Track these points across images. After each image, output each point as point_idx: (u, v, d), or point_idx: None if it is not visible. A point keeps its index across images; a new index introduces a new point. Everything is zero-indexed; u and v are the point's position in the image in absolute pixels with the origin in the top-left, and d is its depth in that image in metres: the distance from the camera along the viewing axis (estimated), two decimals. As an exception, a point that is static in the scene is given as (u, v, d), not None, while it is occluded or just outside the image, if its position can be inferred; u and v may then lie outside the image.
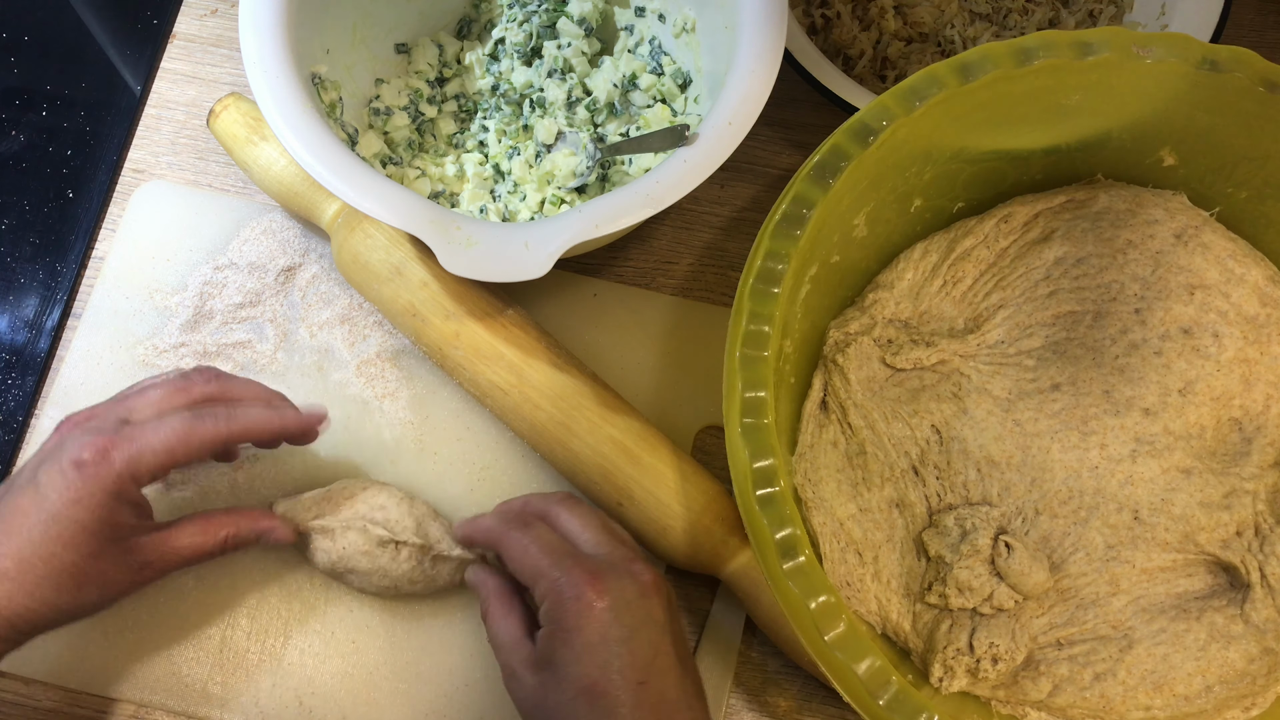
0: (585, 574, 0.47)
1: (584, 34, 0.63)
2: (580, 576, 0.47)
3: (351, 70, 0.60)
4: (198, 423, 0.48)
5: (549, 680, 0.46)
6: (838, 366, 0.55)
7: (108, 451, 0.47)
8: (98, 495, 0.46)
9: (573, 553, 0.48)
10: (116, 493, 0.47)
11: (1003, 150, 0.55)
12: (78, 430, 0.48)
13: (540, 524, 0.50)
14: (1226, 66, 0.50)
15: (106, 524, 0.47)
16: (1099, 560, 0.51)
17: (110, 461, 0.46)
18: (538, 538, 0.49)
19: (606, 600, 0.46)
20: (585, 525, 0.50)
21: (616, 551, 0.49)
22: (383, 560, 0.52)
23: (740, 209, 0.66)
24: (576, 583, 0.46)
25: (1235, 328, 0.53)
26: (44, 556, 0.46)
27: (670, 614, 0.48)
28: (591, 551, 0.49)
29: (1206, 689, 0.49)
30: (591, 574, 0.47)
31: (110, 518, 0.47)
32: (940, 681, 0.49)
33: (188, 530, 0.50)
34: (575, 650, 0.45)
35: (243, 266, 0.63)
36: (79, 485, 0.46)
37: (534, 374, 0.56)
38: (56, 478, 0.46)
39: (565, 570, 0.47)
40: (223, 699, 0.55)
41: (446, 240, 0.49)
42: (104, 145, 0.67)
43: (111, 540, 0.47)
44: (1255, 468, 0.52)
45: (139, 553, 0.49)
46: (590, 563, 0.48)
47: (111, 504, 0.47)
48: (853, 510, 0.52)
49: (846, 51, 0.65)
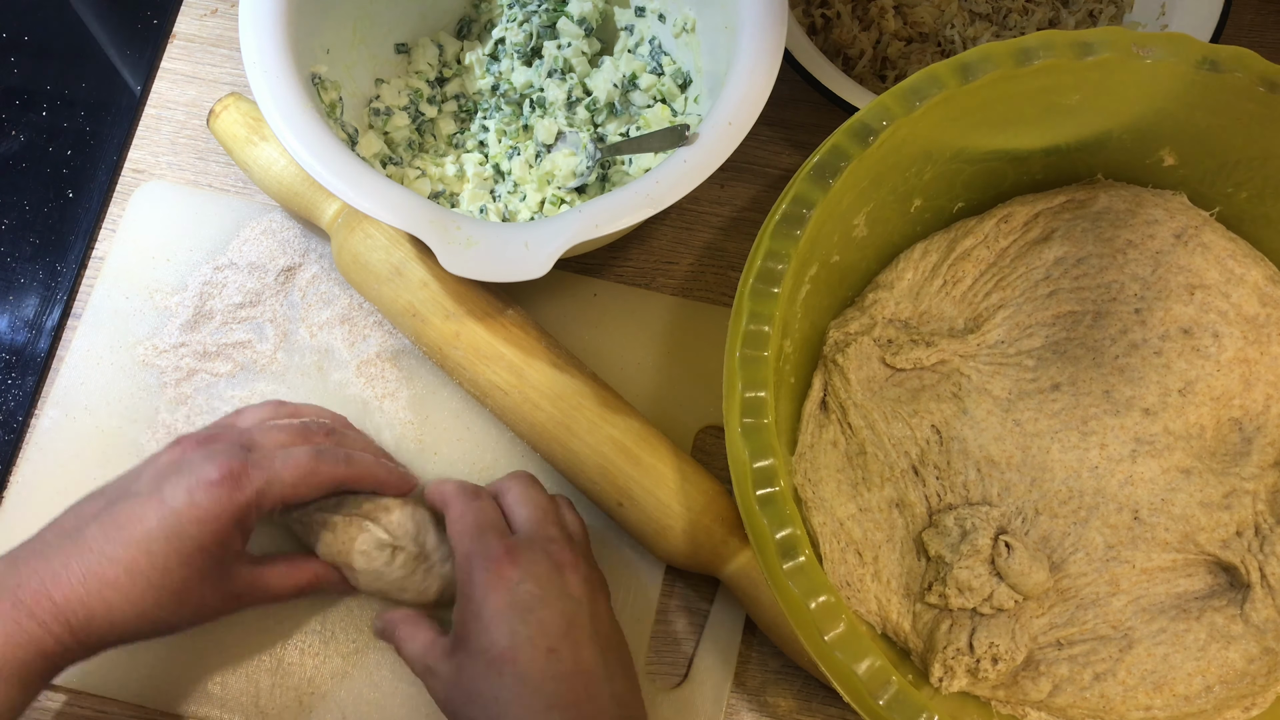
0: (501, 548, 0.48)
1: (584, 34, 0.63)
2: (496, 549, 0.48)
3: (351, 70, 0.60)
4: (321, 461, 0.50)
5: (463, 659, 0.47)
6: (838, 366, 0.55)
7: (240, 477, 0.47)
8: (223, 518, 0.47)
9: (500, 529, 0.49)
10: (240, 518, 0.47)
11: (1003, 150, 0.55)
12: (203, 450, 0.48)
13: (486, 498, 0.51)
14: (1226, 66, 0.50)
15: (222, 547, 0.47)
16: (1099, 560, 0.51)
17: (243, 487, 0.47)
18: (476, 510, 0.50)
19: (516, 572, 0.47)
20: (524, 503, 0.51)
21: (542, 530, 0.50)
22: (378, 563, 0.52)
23: (740, 209, 0.66)
24: (490, 555, 0.48)
25: (1235, 328, 0.53)
26: (159, 568, 0.46)
27: (590, 594, 0.49)
28: (518, 527, 0.50)
29: (1206, 689, 0.49)
30: (507, 550, 0.48)
31: (227, 541, 0.47)
32: (940, 681, 0.49)
33: (278, 569, 0.52)
34: (484, 621, 0.46)
35: (243, 266, 0.63)
36: (208, 505, 0.46)
37: (534, 374, 0.56)
38: (184, 494, 0.46)
39: (484, 543, 0.48)
40: (223, 699, 0.55)
41: (446, 240, 0.49)
42: (104, 145, 0.67)
43: (219, 563, 0.48)
44: (1255, 468, 0.52)
45: (235, 581, 0.49)
46: (510, 538, 0.49)
47: (232, 528, 0.47)
48: (853, 510, 0.52)
49: (846, 51, 0.65)
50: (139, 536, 0.46)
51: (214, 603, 0.49)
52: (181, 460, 0.48)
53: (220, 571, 0.48)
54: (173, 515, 0.46)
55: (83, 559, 0.45)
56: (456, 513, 0.50)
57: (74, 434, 0.60)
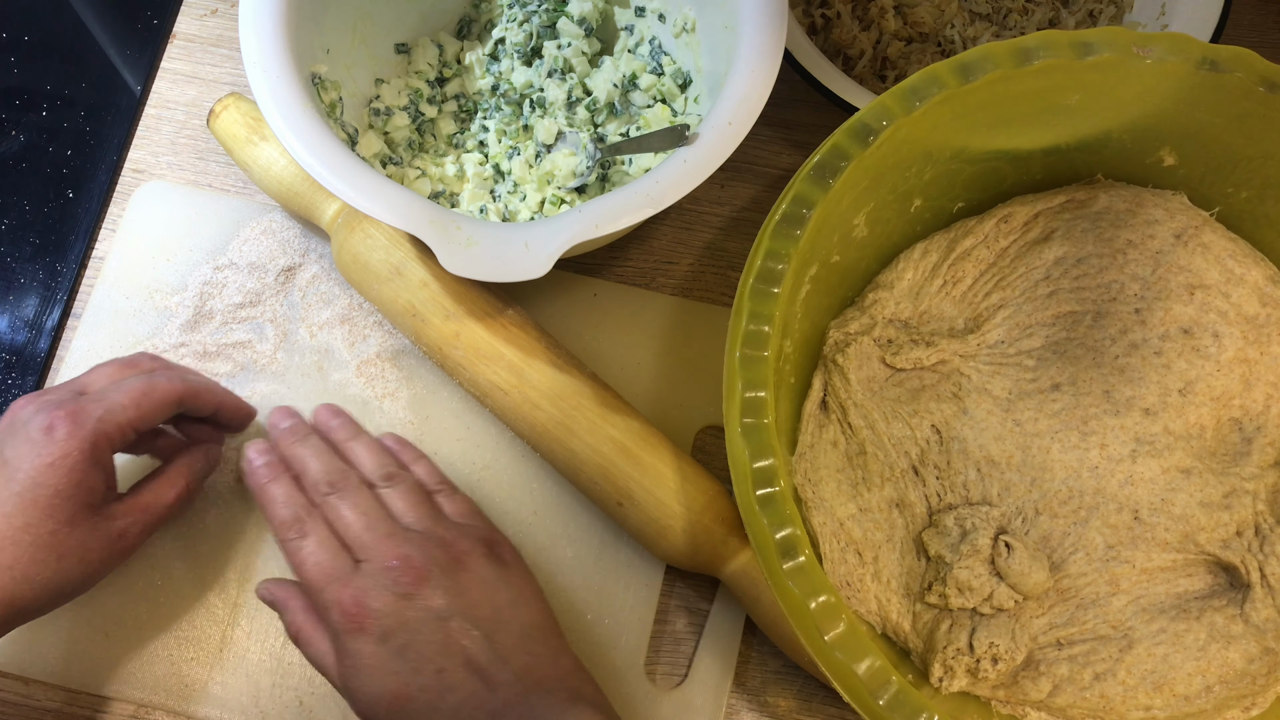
0: (349, 598, 0.47)
1: (584, 34, 0.63)
2: (346, 601, 0.47)
3: (351, 70, 0.60)
4: (155, 380, 0.50)
5: (363, 706, 0.47)
6: (838, 366, 0.55)
7: (77, 414, 0.47)
8: (72, 456, 0.46)
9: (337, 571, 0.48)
10: (90, 454, 0.47)
11: (1003, 150, 0.55)
12: (33, 405, 0.48)
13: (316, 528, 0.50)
14: (1226, 66, 0.50)
15: (81, 488, 0.47)
16: (1099, 560, 0.51)
17: (81, 423, 0.47)
18: (309, 554, 0.49)
19: (372, 621, 0.46)
20: (350, 523, 0.50)
21: (379, 551, 0.48)
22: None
23: (740, 209, 0.66)
24: (344, 608, 0.47)
25: (1235, 328, 0.53)
26: (20, 527, 0.45)
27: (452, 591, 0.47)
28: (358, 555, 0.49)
29: (1206, 689, 0.49)
30: (354, 597, 0.47)
31: (85, 481, 0.47)
32: (940, 681, 0.49)
33: (150, 488, 0.51)
34: (366, 673, 0.46)
35: (243, 266, 0.63)
36: (51, 450, 0.46)
37: (534, 374, 0.56)
38: (25, 448, 0.46)
39: (333, 595, 0.47)
40: (223, 699, 0.55)
41: (446, 240, 0.49)
42: (104, 145, 0.67)
43: (87, 507, 0.48)
44: (1255, 468, 0.52)
45: (113, 519, 0.49)
46: (354, 582, 0.47)
47: (86, 466, 0.47)
48: (853, 510, 0.52)
49: (846, 51, 0.65)
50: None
51: (99, 547, 0.49)
52: (14, 421, 0.48)
53: (93, 516, 0.48)
54: (20, 473, 0.46)
55: None
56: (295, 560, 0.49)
57: (74, 434, 0.60)
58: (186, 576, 0.57)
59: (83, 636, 0.56)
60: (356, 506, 0.50)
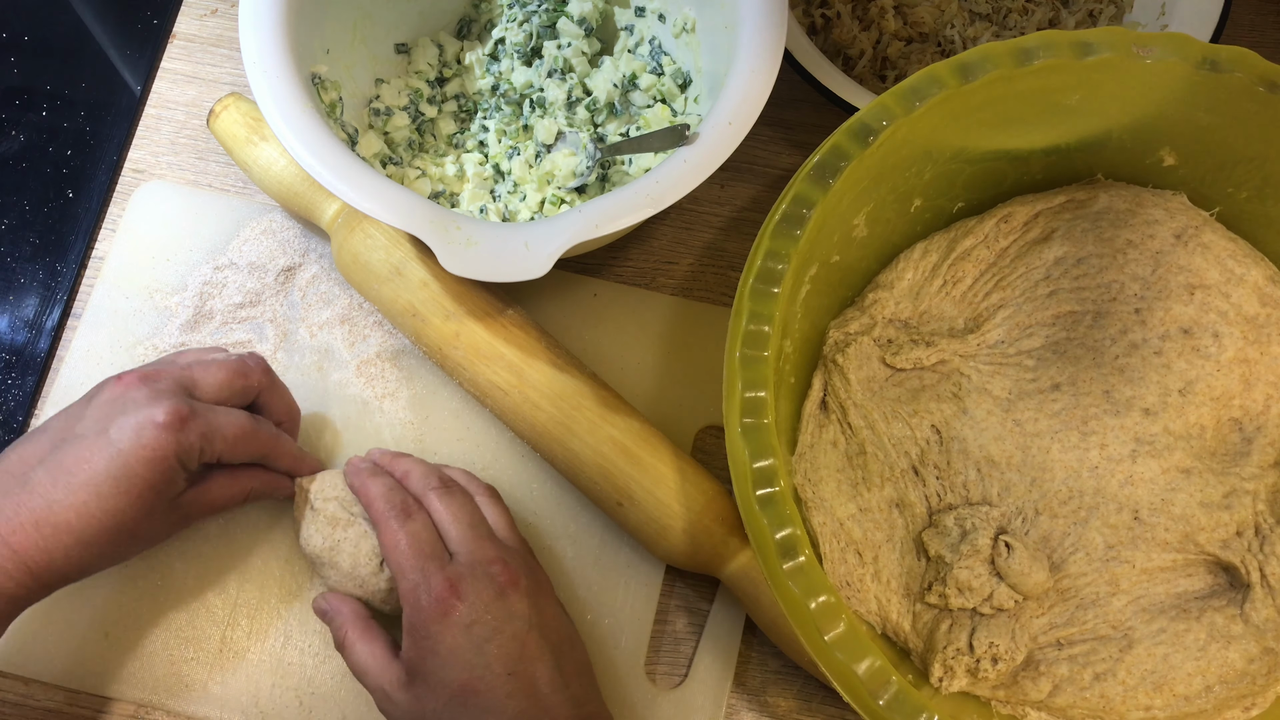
0: (443, 580, 0.48)
1: (584, 34, 0.63)
2: (439, 583, 0.48)
3: (351, 70, 0.60)
4: (260, 429, 0.52)
5: (422, 691, 0.47)
6: (838, 366, 0.55)
7: (186, 421, 0.48)
8: (171, 459, 0.48)
9: (436, 554, 0.49)
10: (185, 461, 0.49)
11: (1003, 150, 0.55)
12: (146, 388, 0.49)
13: (418, 515, 0.51)
14: (1226, 66, 0.50)
15: (168, 484, 0.48)
16: (1099, 560, 0.51)
17: (187, 432, 0.48)
18: (411, 534, 0.50)
19: (463, 605, 0.47)
20: (453, 519, 0.51)
21: (479, 551, 0.50)
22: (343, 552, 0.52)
23: (740, 209, 0.66)
24: (434, 590, 0.48)
25: (1235, 328, 0.53)
26: (108, 510, 0.47)
27: (534, 606, 0.49)
28: (454, 549, 0.50)
29: (1206, 689, 0.49)
30: (449, 581, 0.48)
31: (174, 481, 0.49)
32: (940, 681, 0.49)
33: (219, 482, 0.52)
34: (441, 657, 0.47)
35: (243, 266, 0.63)
36: (154, 445, 0.47)
37: (534, 374, 0.56)
38: (130, 434, 0.47)
39: (425, 575, 0.48)
40: (223, 699, 0.55)
41: (446, 240, 0.49)
42: (104, 145, 0.67)
43: (167, 500, 0.49)
44: (1255, 468, 0.52)
45: (180, 508, 0.51)
46: (451, 567, 0.49)
47: (178, 469, 0.48)
48: (853, 510, 0.52)
49: (846, 51, 0.65)
50: (87, 479, 0.46)
51: (162, 531, 0.51)
52: (124, 398, 0.48)
53: (167, 507, 0.49)
54: (120, 456, 0.47)
55: (33, 505, 0.46)
56: (390, 539, 0.50)
57: (74, 434, 0.60)
58: (186, 576, 0.57)
59: (83, 637, 0.56)
60: (462, 506, 0.52)
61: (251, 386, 0.53)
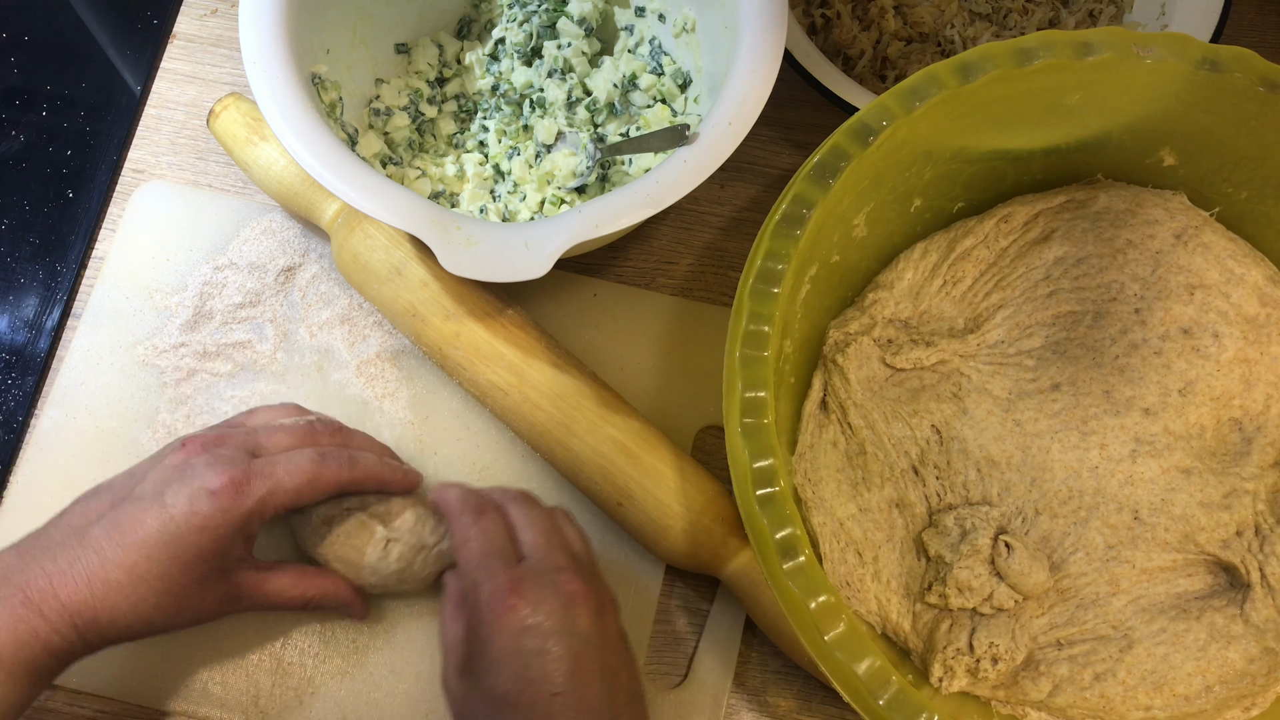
0: (507, 580, 0.47)
1: (584, 34, 0.63)
2: (502, 582, 0.47)
3: (351, 70, 0.60)
4: (324, 465, 0.50)
5: (469, 689, 0.46)
6: (838, 366, 0.55)
7: (243, 485, 0.47)
8: (224, 527, 0.47)
9: (504, 554, 0.48)
10: (242, 528, 0.48)
11: (1003, 150, 0.55)
12: (207, 455, 0.48)
13: (493, 515, 0.50)
14: (1226, 66, 0.50)
15: (222, 554, 0.48)
16: (1099, 560, 0.51)
17: (245, 496, 0.47)
18: (482, 530, 0.49)
19: (522, 612, 0.46)
20: (529, 524, 0.50)
21: (550, 558, 0.49)
22: (382, 561, 0.52)
23: (740, 209, 0.66)
24: (497, 589, 0.47)
25: (1235, 328, 0.53)
26: (159, 574, 0.46)
27: (598, 624, 0.47)
28: (526, 554, 0.49)
29: (1206, 689, 0.49)
30: (513, 582, 0.47)
31: (228, 549, 0.48)
32: (940, 681, 0.49)
33: (282, 578, 0.51)
34: (489, 659, 0.46)
35: (243, 266, 0.63)
36: (208, 513, 0.47)
37: (534, 374, 0.56)
38: (185, 501, 0.47)
39: (490, 573, 0.47)
40: (223, 699, 0.55)
41: (446, 240, 0.49)
42: (104, 145, 0.67)
43: (219, 570, 0.48)
44: (1255, 468, 0.52)
45: (236, 586, 0.50)
46: (519, 570, 0.48)
47: (233, 536, 0.48)
48: (853, 510, 0.52)
49: (846, 51, 0.65)
50: (140, 540, 0.46)
51: (214, 605, 0.49)
52: (185, 464, 0.48)
53: (221, 577, 0.49)
54: (173, 522, 0.46)
55: (87, 560, 0.46)
56: (462, 534, 0.50)
57: (74, 434, 0.60)
58: (186, 576, 0.57)
59: (83, 636, 0.56)
60: (540, 516, 0.51)
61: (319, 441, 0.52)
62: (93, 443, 0.60)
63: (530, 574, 0.47)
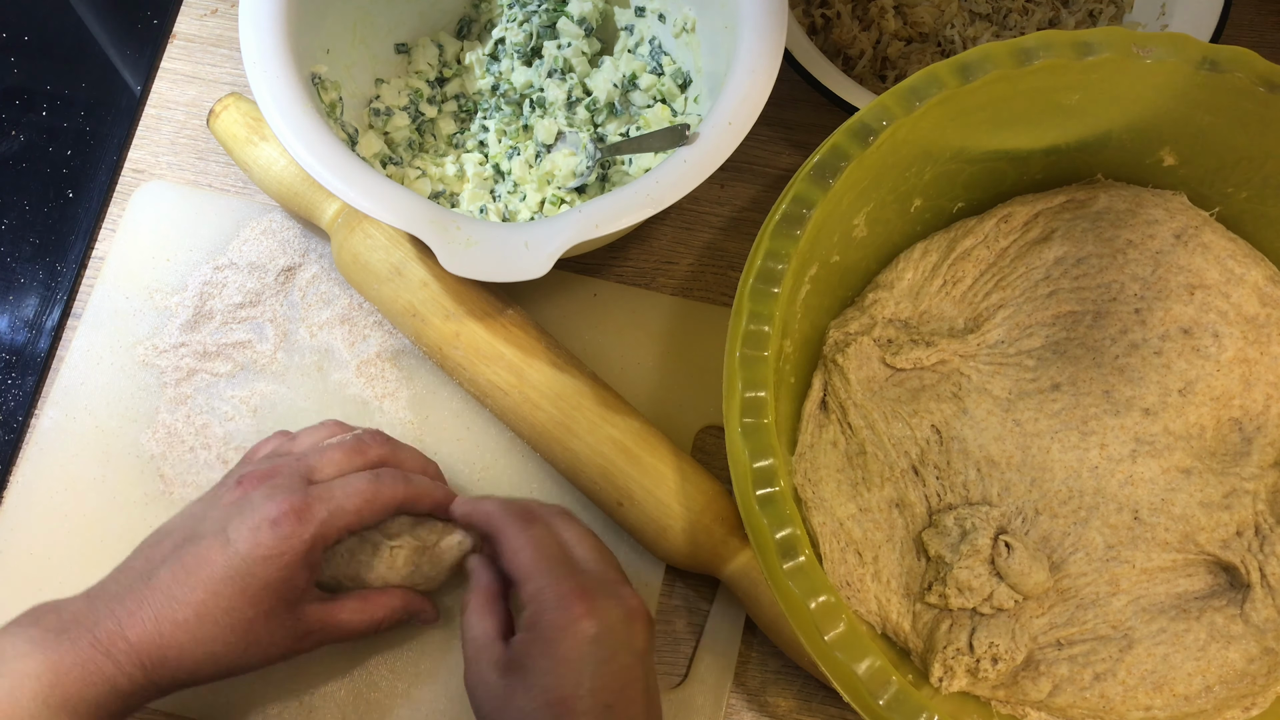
0: (575, 587, 0.47)
1: (584, 34, 0.63)
2: (569, 588, 0.47)
3: (351, 70, 0.60)
4: (381, 486, 0.50)
5: (517, 685, 0.46)
6: (838, 366, 0.55)
7: (303, 513, 0.47)
8: (288, 556, 0.47)
9: (567, 562, 0.48)
10: (305, 556, 0.48)
11: (1003, 150, 0.55)
12: (264, 487, 0.49)
13: (541, 524, 0.50)
14: (1226, 66, 0.50)
15: (288, 584, 0.48)
16: (1099, 560, 0.51)
17: (305, 523, 0.47)
18: (536, 538, 0.49)
19: (592, 619, 0.46)
20: (580, 539, 0.51)
21: (607, 570, 0.49)
22: (381, 568, 0.52)
23: (740, 209, 0.66)
24: (564, 594, 0.47)
25: (1235, 328, 0.53)
26: (226, 609, 0.46)
27: (649, 644, 0.48)
28: (585, 566, 0.49)
29: (1206, 689, 0.49)
30: (581, 589, 0.47)
31: (293, 578, 0.48)
32: (940, 681, 0.49)
33: (349, 606, 0.51)
34: (551, 661, 0.46)
35: (243, 266, 0.63)
36: (272, 543, 0.47)
37: (534, 374, 0.56)
38: (248, 534, 0.47)
39: (556, 579, 0.47)
40: (223, 699, 0.55)
41: (446, 240, 0.49)
42: (104, 145, 0.67)
43: (286, 601, 0.48)
44: (1255, 468, 0.52)
45: (304, 620, 0.49)
46: (582, 577, 0.48)
47: (298, 565, 0.47)
48: (853, 510, 0.52)
49: (846, 51, 0.65)
50: (206, 578, 0.46)
51: (283, 642, 0.49)
52: (244, 500, 0.48)
53: (288, 610, 0.48)
54: (238, 557, 0.46)
55: (154, 601, 0.46)
56: (515, 542, 0.49)
57: (74, 434, 0.60)
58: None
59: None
60: (586, 532, 0.51)
61: (371, 462, 0.52)
62: (93, 443, 0.60)
63: (596, 584, 0.48)
